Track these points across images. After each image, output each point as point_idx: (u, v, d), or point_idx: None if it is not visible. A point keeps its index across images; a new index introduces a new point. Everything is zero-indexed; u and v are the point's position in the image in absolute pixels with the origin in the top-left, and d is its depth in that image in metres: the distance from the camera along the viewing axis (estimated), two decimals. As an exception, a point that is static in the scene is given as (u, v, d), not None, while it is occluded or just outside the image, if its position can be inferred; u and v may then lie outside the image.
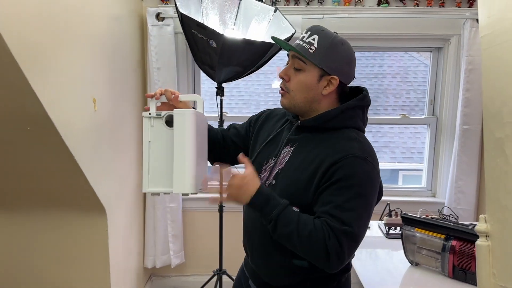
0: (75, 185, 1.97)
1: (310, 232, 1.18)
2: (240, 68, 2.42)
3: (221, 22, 2.65)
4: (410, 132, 6.58)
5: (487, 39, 0.90)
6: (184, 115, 1.27)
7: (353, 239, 1.19)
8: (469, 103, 2.88)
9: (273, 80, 7.15)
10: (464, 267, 1.74)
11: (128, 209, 2.70)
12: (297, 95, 1.32)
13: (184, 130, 1.27)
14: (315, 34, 1.29)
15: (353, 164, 1.21)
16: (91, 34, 2.04)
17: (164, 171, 1.31)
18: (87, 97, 1.99)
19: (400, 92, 7.05)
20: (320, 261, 1.20)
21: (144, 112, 1.32)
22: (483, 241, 0.89)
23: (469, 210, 2.97)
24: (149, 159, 1.32)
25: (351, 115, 1.33)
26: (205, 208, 3.12)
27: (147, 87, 2.94)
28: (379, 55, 7.11)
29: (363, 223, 1.22)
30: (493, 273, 0.87)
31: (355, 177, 1.21)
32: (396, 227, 2.33)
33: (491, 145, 0.88)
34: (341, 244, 1.17)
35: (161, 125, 1.31)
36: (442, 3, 2.87)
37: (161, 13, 2.82)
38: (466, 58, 2.83)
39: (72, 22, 1.80)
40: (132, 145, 2.76)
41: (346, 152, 1.23)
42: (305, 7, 2.88)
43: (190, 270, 3.24)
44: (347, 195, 1.19)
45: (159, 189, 1.32)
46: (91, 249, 2.21)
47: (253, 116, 1.62)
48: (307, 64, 1.29)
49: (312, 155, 1.29)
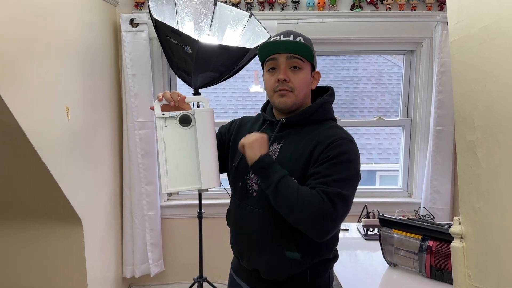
0: (49, 196, 1.93)
1: (309, 197, 1.26)
2: (216, 74, 2.41)
3: (196, 28, 2.64)
4: (386, 133, 6.68)
5: (456, 44, 0.92)
6: (206, 113, 1.35)
7: (346, 202, 1.30)
8: (442, 104, 2.94)
9: (251, 84, 7.16)
10: (441, 266, 1.76)
11: (104, 218, 2.65)
12: (300, 92, 1.41)
13: (207, 127, 1.36)
14: (299, 36, 1.41)
15: (342, 145, 1.35)
16: (64, 41, 2.00)
17: (182, 170, 1.37)
18: (60, 105, 1.95)
19: (375, 94, 7.16)
20: (315, 225, 1.27)
21: (157, 113, 1.35)
22: (457, 242, 0.91)
23: (445, 209, 3.03)
24: (166, 160, 1.36)
25: (327, 109, 1.48)
26: (183, 215, 3.10)
27: (122, 94, 2.90)
28: (353, 58, 7.21)
29: (352, 194, 1.34)
30: (468, 274, 0.89)
31: (345, 154, 1.34)
32: (374, 228, 2.35)
33: (463, 148, 0.90)
34: (336, 207, 1.26)
35: (175, 125, 1.36)
36: (414, 7, 2.93)
37: (135, 19, 2.78)
38: (438, 61, 2.89)
39: (43, 29, 1.77)
40: (107, 153, 2.71)
41: (334, 137, 1.36)
42: (280, 12, 2.89)
43: (170, 279, 3.20)
44: (340, 168, 1.31)
45: (180, 188, 1.38)
46: (67, 261, 2.16)
47: (224, 127, 1.65)
48: (304, 62, 1.40)
49: (302, 145, 1.38)
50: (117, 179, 2.91)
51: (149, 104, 2.88)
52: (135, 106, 2.86)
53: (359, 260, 2.03)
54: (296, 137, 1.42)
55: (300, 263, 1.39)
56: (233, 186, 1.55)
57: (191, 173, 1.38)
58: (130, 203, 2.94)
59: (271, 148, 1.42)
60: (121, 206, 2.99)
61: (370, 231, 2.34)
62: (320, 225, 1.27)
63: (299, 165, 1.36)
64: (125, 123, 2.90)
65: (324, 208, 1.25)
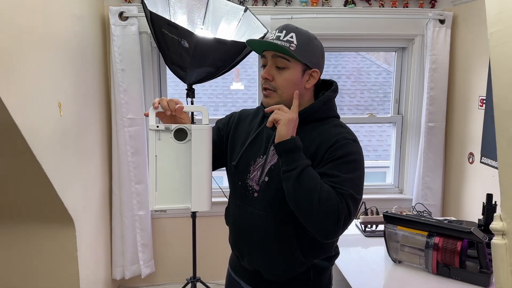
0: (42, 196, 1.83)
1: (330, 195, 1.21)
2: (213, 69, 2.35)
3: (189, 21, 2.56)
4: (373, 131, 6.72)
5: (497, 35, 0.90)
6: (204, 131, 1.26)
7: (356, 204, 1.27)
8: (434, 101, 2.96)
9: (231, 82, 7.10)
10: (448, 262, 1.76)
11: (95, 219, 2.56)
12: (284, 92, 1.34)
13: (204, 146, 1.26)
14: (291, 32, 1.33)
15: (347, 145, 1.31)
16: (53, 34, 1.90)
17: (172, 186, 1.27)
18: (52, 101, 1.86)
19: (355, 92, 7.21)
20: (329, 224, 1.21)
21: (151, 125, 1.25)
22: (499, 239, 0.88)
23: (436, 205, 3.06)
24: (157, 175, 1.26)
25: (330, 106, 1.42)
26: (175, 214, 3.02)
27: (110, 89, 2.80)
28: (333, 56, 7.24)
29: (361, 192, 1.31)
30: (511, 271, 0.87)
31: (351, 155, 1.30)
32: (372, 225, 2.34)
33: (506, 142, 0.88)
34: (350, 210, 1.23)
35: (169, 139, 1.26)
36: (406, 4, 2.94)
37: (124, 12, 2.69)
38: (429, 58, 2.91)
39: (33, 23, 1.67)
40: (97, 151, 2.61)
41: (338, 136, 1.31)
42: (274, 7, 2.85)
43: (161, 280, 3.12)
44: (348, 169, 1.27)
45: (169, 205, 1.28)
46: (59, 263, 2.07)
47: (221, 121, 1.58)
48: (290, 62, 1.32)
49: (304, 144, 1.31)
50: (106, 178, 2.81)
51: (139, 100, 2.80)
52: (124, 102, 2.76)
53: (363, 257, 2.01)
54: (298, 136, 1.34)
55: (303, 263, 1.37)
56: (231, 185, 1.50)
57: (181, 191, 1.28)
58: (119, 203, 2.85)
59: (272, 148, 1.37)
60: (110, 205, 2.89)
61: (368, 227, 2.33)
62: (333, 224, 1.22)
63: None
64: (114, 120, 2.80)
65: (341, 209, 1.21)
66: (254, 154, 1.41)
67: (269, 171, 1.36)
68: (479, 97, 2.72)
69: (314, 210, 1.21)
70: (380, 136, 6.56)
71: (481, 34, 2.68)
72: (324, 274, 1.45)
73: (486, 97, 2.64)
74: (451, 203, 3.07)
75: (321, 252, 1.39)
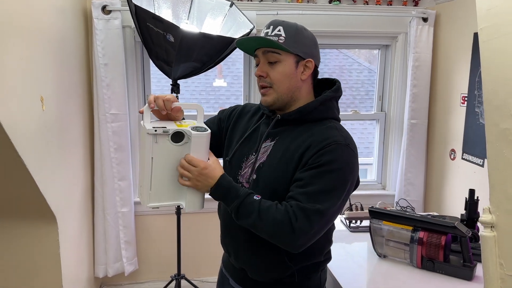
0: (24, 192, 1.78)
1: (273, 219, 1.21)
2: (198, 64, 2.32)
3: (174, 15, 2.53)
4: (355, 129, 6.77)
5: (487, 31, 0.91)
6: (203, 137, 1.26)
7: (324, 218, 1.23)
8: (416, 98, 3.01)
9: (214, 78, 7.06)
10: (432, 257, 1.79)
11: (77, 216, 2.51)
12: (280, 86, 1.32)
13: (201, 152, 1.27)
14: (279, 26, 1.31)
15: (336, 150, 1.25)
16: (35, 27, 1.85)
17: (167, 184, 1.29)
18: (34, 95, 1.81)
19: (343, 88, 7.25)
20: (285, 242, 1.23)
21: (148, 128, 1.22)
22: (488, 232, 0.90)
23: (418, 201, 3.11)
24: (152, 175, 1.27)
25: (329, 106, 1.37)
26: (159, 212, 2.99)
27: (92, 84, 2.74)
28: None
29: (337, 206, 1.26)
30: (500, 263, 0.88)
31: (336, 162, 1.24)
32: (357, 220, 2.36)
33: (495, 136, 0.89)
34: (311, 224, 1.20)
35: (166, 141, 1.25)
36: (390, 2, 2.97)
37: (107, 5, 2.64)
38: (412, 55, 2.95)
39: (14, 15, 1.62)
40: (80, 147, 2.57)
41: (329, 139, 1.26)
42: (259, 3, 2.84)
43: (143, 277, 3.09)
44: (327, 179, 1.23)
45: (162, 203, 1.31)
46: (42, 261, 2.01)
47: (224, 112, 1.57)
48: (281, 55, 1.30)
49: (294, 145, 1.30)
50: (88, 175, 2.76)
51: (122, 95, 2.76)
52: (107, 97, 2.71)
53: (349, 252, 2.02)
54: (290, 135, 1.33)
55: (288, 266, 1.35)
56: None
57: (175, 189, 1.30)
58: (102, 200, 2.80)
59: (263, 145, 1.37)
60: (92, 202, 2.84)
61: (353, 223, 2.35)
62: (291, 242, 1.22)
63: (289, 168, 1.28)
64: (96, 115, 2.75)
65: (295, 227, 1.19)
66: (247, 151, 1.41)
67: (257, 169, 1.35)
68: (461, 94, 2.76)
69: (266, 236, 1.25)
70: (362, 133, 6.63)
71: (463, 32, 2.72)
72: (312, 278, 1.42)
73: (467, 95, 2.69)
74: (433, 198, 3.13)
75: (307, 257, 1.36)
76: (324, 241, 1.39)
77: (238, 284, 1.47)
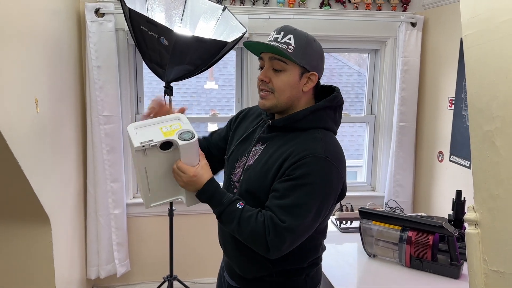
0: (19, 193, 1.79)
1: (251, 230, 1.25)
2: (192, 67, 2.35)
3: (167, 19, 2.56)
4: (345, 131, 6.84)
5: (471, 38, 0.96)
6: (190, 145, 1.29)
7: (295, 234, 1.25)
8: (405, 101, 3.06)
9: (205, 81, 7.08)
10: (420, 256, 1.84)
11: (70, 217, 2.52)
12: (281, 95, 1.32)
13: (191, 157, 1.32)
14: (289, 34, 1.30)
15: (312, 163, 1.24)
16: (29, 29, 1.86)
17: (164, 185, 1.37)
18: (29, 97, 1.82)
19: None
20: (261, 252, 1.28)
21: (137, 146, 1.26)
22: (472, 229, 0.94)
23: (407, 202, 3.16)
24: (148, 181, 1.35)
25: (320, 116, 1.35)
26: (151, 213, 2.99)
27: (85, 86, 2.76)
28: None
29: (309, 221, 1.26)
30: (483, 259, 0.93)
31: (311, 176, 1.24)
32: (347, 221, 2.41)
33: (479, 138, 0.93)
34: (282, 240, 1.23)
35: (155, 151, 1.29)
36: (380, 7, 3.03)
37: (100, 8, 2.66)
38: (401, 59, 3.01)
39: (7, 17, 1.63)
40: (73, 148, 2.58)
41: (307, 151, 1.26)
42: (251, 7, 2.88)
43: (136, 279, 3.10)
44: (300, 193, 1.24)
45: (163, 201, 1.42)
46: (35, 262, 2.02)
47: (233, 117, 1.64)
48: (288, 64, 1.30)
49: (278, 153, 1.32)
50: (81, 176, 2.77)
51: (115, 97, 2.77)
52: (100, 99, 2.73)
53: (339, 252, 2.07)
54: (278, 142, 1.35)
55: (267, 267, 1.38)
56: (223, 177, 1.55)
57: (172, 187, 1.38)
58: (94, 201, 2.81)
59: (254, 148, 1.41)
60: (85, 204, 2.85)
61: (343, 224, 2.40)
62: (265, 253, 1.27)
63: (268, 175, 1.31)
64: (89, 117, 2.76)
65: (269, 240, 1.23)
66: (242, 152, 1.45)
67: (245, 171, 1.39)
68: (448, 97, 2.83)
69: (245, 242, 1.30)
70: (351, 136, 6.69)
71: (451, 37, 2.79)
72: (294, 280, 1.42)
73: (455, 98, 2.76)
74: (421, 199, 3.19)
75: (288, 262, 1.37)
76: (308, 250, 1.40)
77: (230, 278, 1.52)
